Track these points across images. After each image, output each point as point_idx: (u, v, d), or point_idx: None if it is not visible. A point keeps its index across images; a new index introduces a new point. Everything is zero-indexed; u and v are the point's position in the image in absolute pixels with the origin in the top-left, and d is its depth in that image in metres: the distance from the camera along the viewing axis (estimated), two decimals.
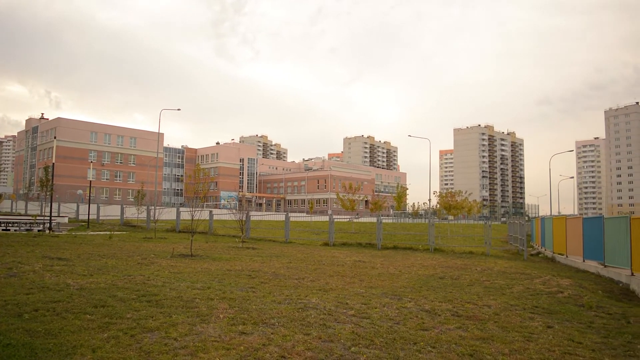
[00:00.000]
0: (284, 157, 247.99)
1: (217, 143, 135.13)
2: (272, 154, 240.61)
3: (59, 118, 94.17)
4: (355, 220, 49.75)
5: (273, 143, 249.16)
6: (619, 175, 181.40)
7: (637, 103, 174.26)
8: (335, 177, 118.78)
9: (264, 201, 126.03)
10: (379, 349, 6.41)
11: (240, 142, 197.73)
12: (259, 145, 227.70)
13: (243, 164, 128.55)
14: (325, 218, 30.70)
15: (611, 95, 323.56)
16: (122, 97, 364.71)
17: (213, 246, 22.90)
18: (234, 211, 28.62)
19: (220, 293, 9.94)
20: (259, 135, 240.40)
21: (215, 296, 9.56)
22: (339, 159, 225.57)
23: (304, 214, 66.26)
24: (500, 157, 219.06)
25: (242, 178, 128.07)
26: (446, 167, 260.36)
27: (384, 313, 8.73)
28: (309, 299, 9.74)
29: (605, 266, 17.35)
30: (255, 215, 40.34)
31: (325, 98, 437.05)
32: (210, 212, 33.33)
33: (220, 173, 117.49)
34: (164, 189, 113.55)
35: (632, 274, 14.87)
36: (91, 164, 76.65)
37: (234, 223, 26.79)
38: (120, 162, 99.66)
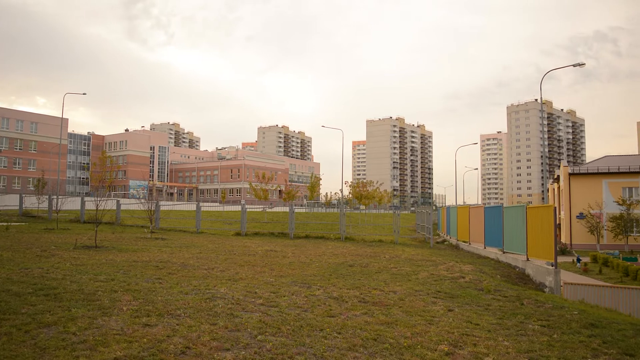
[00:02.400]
0: (197, 145, 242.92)
1: (127, 130, 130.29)
2: (184, 142, 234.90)
3: None
4: (268, 210, 49.68)
5: (185, 131, 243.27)
6: (519, 167, 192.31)
7: (536, 100, 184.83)
8: (249, 167, 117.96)
9: (176, 191, 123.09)
10: (285, 336, 6.45)
11: (151, 129, 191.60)
12: (171, 133, 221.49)
13: (154, 152, 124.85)
14: (238, 208, 30.45)
15: (514, 92, 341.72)
16: (22, 78, 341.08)
17: (120, 237, 22.11)
18: (143, 201, 27.73)
19: (125, 285, 9.62)
20: (171, 122, 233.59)
21: (119, 288, 9.23)
22: (253, 149, 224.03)
23: (217, 204, 65.41)
24: (410, 148, 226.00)
25: (153, 167, 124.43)
26: (359, 158, 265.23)
27: (292, 301, 8.79)
28: (217, 289, 9.63)
29: (504, 252, 18.38)
30: (166, 205, 39.36)
31: (241, 86, 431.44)
32: (118, 201, 32.12)
33: (129, 161, 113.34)
34: (68, 177, 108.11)
35: (528, 259, 15.87)
36: None
37: (142, 213, 26.03)
38: (19, 149, 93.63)
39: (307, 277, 11.93)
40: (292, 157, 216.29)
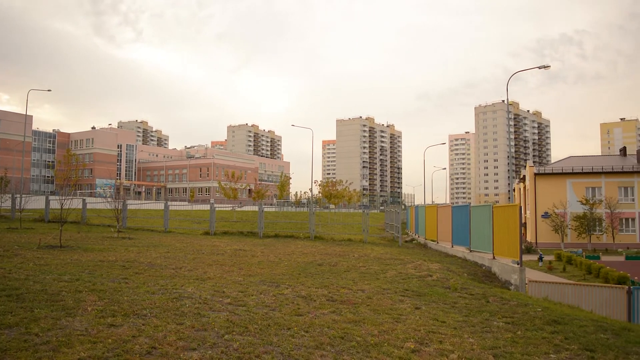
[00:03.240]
0: (165, 144, 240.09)
1: (93, 128, 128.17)
2: (152, 140, 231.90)
3: None
4: (238, 209, 49.47)
5: (154, 129, 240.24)
6: (486, 167, 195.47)
7: (503, 101, 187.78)
8: (218, 166, 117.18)
9: (144, 189, 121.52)
10: (252, 335, 6.43)
11: (118, 127, 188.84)
12: (139, 131, 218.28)
13: (121, 151, 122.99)
14: (207, 207, 30.21)
15: (483, 93, 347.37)
16: None
17: (85, 236, 21.73)
18: (110, 199, 27.28)
19: (90, 285, 9.45)
20: (139, 120, 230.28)
21: (84, 288, 9.06)
22: (222, 147, 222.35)
23: (185, 203, 64.80)
24: (380, 148, 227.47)
25: (120, 165, 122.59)
26: (329, 157, 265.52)
27: (260, 300, 8.77)
28: (184, 289, 9.54)
29: (471, 251, 18.64)
30: (133, 204, 38.81)
31: (211, 85, 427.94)
32: (84, 200, 31.55)
33: (95, 159, 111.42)
34: (33, 175, 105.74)
35: (494, 258, 16.13)
36: None
37: (109, 212, 25.62)
38: None
39: (276, 276, 11.92)
40: (262, 156, 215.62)
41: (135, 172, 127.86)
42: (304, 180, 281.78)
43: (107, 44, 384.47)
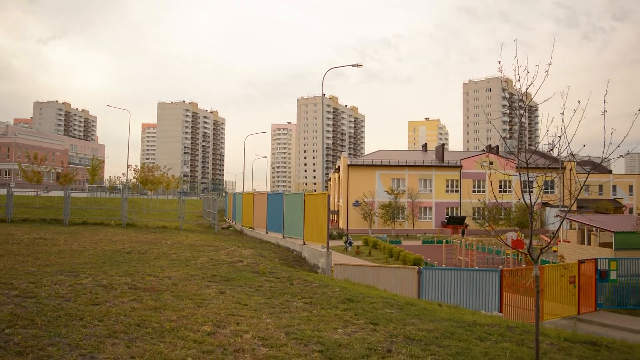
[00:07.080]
0: None
1: None
2: None
3: None
4: (43, 194, 45.49)
5: None
6: (306, 157, 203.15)
7: (324, 95, 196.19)
8: (20, 146, 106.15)
9: None
10: (39, 328, 6.02)
11: None
12: None
13: None
14: (4, 191, 27.33)
15: (308, 86, 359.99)
16: None
17: None
18: None
19: None
20: None
21: None
22: (27, 126, 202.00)
23: None
24: (202, 134, 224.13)
25: None
26: (149, 141, 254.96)
27: (54, 291, 8.21)
28: None
29: (284, 237, 19.28)
30: None
31: (16, 55, 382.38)
32: None
33: None
34: None
35: (304, 243, 16.87)
36: None
37: None
38: None
39: (77, 266, 11.22)
40: (74, 137, 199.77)
41: None
42: (121, 164, 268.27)
43: None
